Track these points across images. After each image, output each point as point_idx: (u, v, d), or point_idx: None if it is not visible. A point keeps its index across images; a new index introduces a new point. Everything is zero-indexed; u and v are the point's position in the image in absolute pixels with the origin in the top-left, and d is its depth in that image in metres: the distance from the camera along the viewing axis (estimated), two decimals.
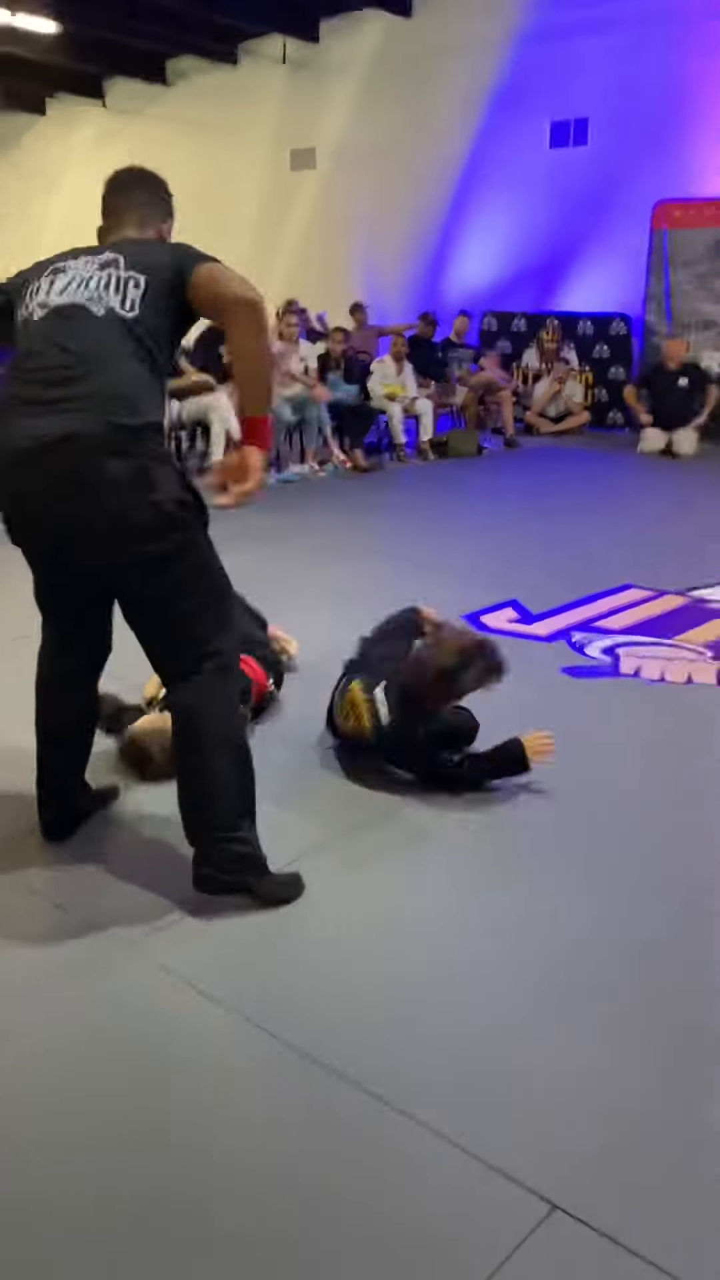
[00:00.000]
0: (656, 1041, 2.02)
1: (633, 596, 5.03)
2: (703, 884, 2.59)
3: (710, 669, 4.08)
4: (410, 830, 2.85)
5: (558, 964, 2.26)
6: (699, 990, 2.19)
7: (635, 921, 2.43)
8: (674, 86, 10.43)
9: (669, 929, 2.40)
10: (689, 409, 9.60)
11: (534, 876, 2.62)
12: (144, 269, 2.33)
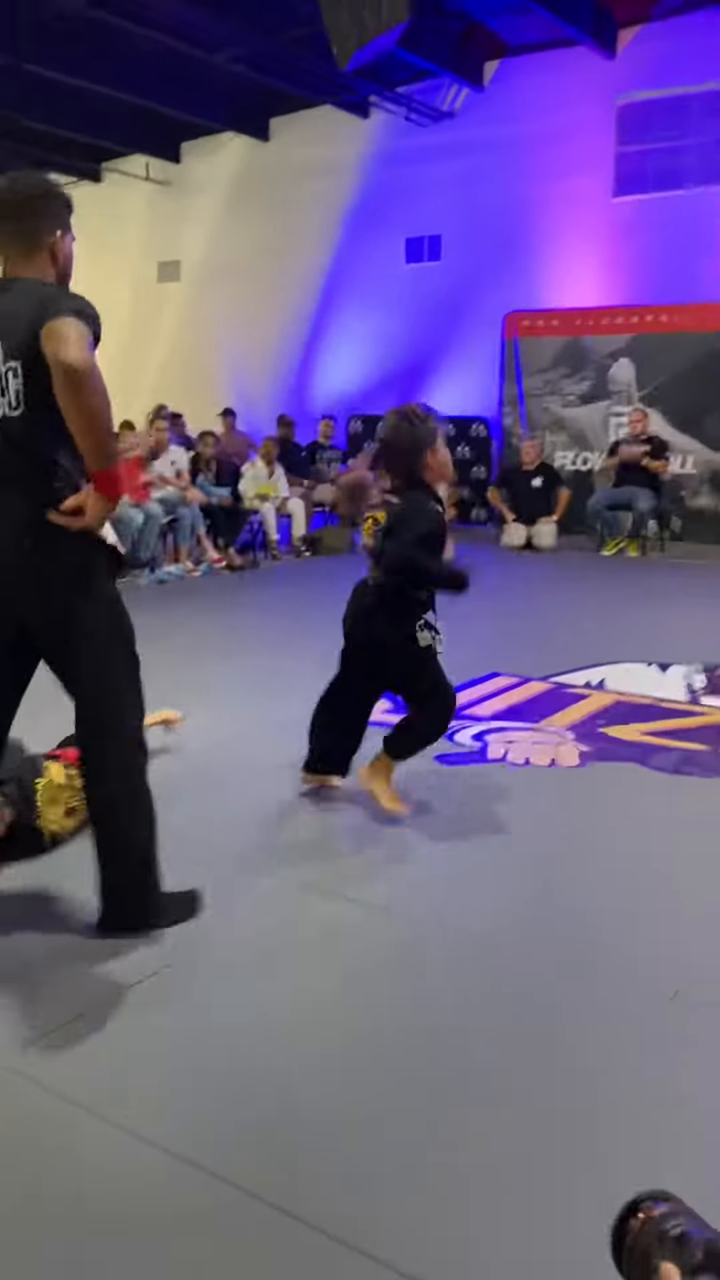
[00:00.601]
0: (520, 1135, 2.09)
1: (500, 684, 5.23)
2: (573, 962, 2.70)
3: (572, 751, 4.27)
4: (284, 920, 2.89)
5: (425, 1053, 2.32)
6: (578, 1084, 2.27)
7: (506, 1001, 2.51)
8: (518, 207, 11.24)
9: (541, 1014, 2.49)
10: (546, 505, 10.11)
11: (411, 961, 2.69)
12: (16, 349, 2.38)
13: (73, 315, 2.34)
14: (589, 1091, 2.17)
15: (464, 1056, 2.28)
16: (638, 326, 10.50)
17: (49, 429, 2.42)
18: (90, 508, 2.46)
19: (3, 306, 2.43)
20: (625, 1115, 2.09)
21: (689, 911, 2.95)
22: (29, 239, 2.52)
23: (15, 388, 2.40)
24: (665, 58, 10.26)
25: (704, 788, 3.92)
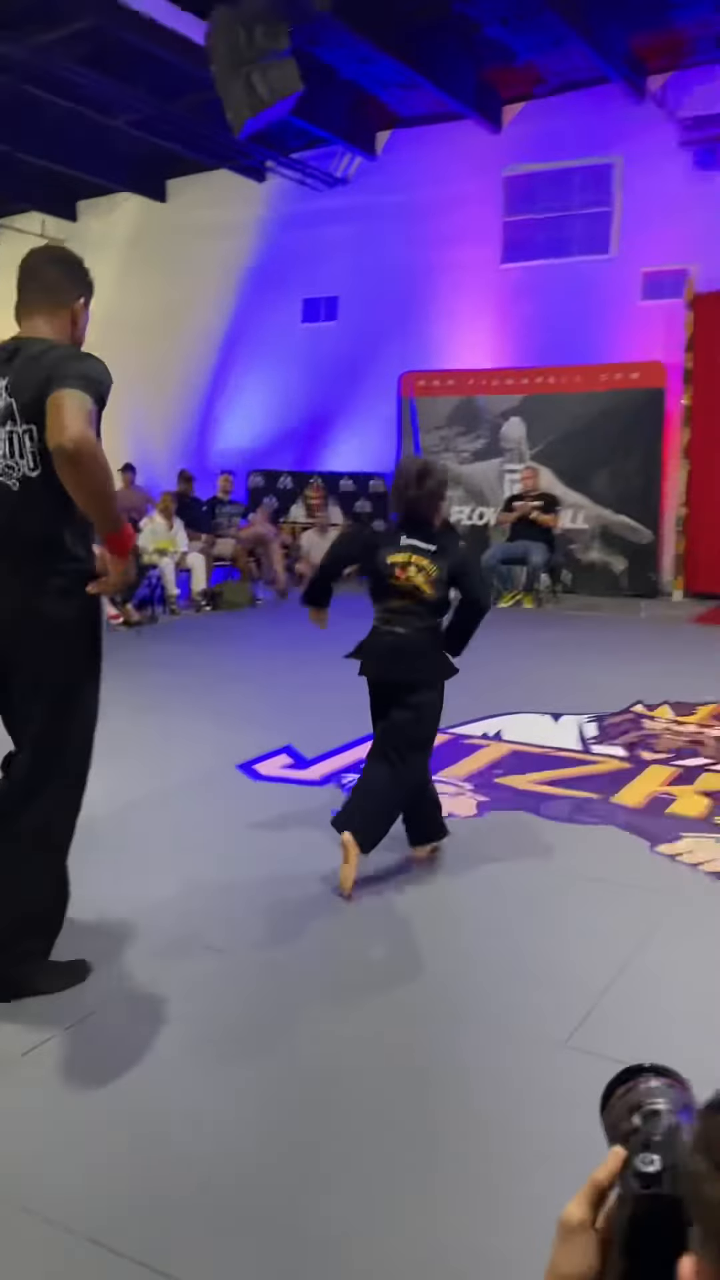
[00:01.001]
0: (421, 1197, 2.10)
1: None
2: (462, 1012, 2.73)
3: (471, 801, 4.34)
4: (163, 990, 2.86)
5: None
6: (470, 1134, 2.29)
7: (391, 1050, 2.52)
8: (411, 271, 11.59)
9: (428, 1063, 2.51)
10: None
11: (301, 1014, 2.68)
12: (32, 413, 2.47)
13: (76, 386, 2.42)
14: (481, 1141, 2.19)
15: (346, 1108, 2.29)
16: (527, 387, 10.87)
17: (64, 489, 2.48)
18: (111, 570, 2.60)
19: (18, 368, 2.53)
20: (515, 1163, 2.12)
21: (580, 959, 3.02)
22: (55, 300, 2.65)
23: (32, 450, 2.49)
24: (547, 133, 10.76)
25: (595, 835, 4.02)
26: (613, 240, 10.65)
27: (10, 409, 2.50)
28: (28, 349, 2.56)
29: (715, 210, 9.99)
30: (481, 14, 9.28)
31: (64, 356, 2.54)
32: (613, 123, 10.41)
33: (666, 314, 10.30)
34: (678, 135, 10.05)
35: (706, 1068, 2.37)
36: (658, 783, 4.63)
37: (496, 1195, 2.04)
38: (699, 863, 3.72)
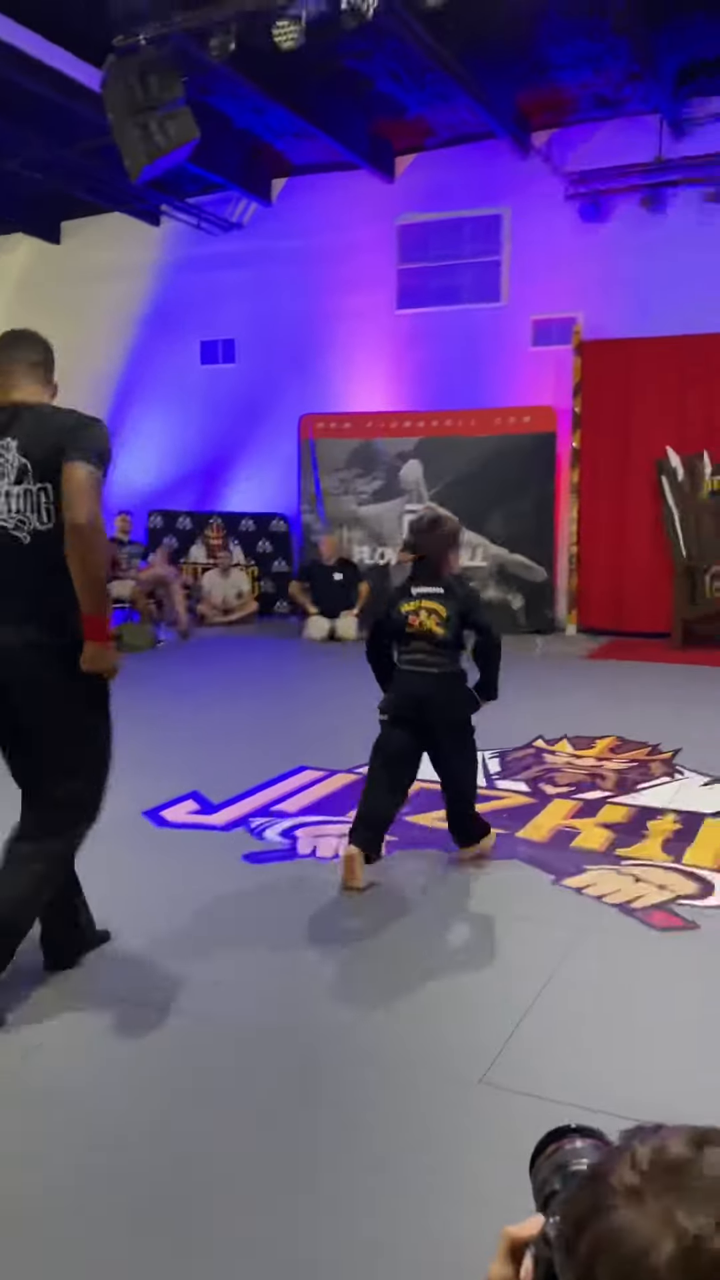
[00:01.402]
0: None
1: (307, 778, 5.30)
2: (380, 1053, 2.74)
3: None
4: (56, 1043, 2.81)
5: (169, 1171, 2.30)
6: (386, 1172, 2.30)
7: (304, 1095, 2.52)
8: (308, 316, 11.75)
9: (339, 1106, 2.51)
10: (347, 598, 10.40)
11: (207, 1061, 2.66)
12: (47, 472, 2.73)
13: (89, 460, 2.73)
14: (396, 1181, 2.20)
15: (259, 1149, 2.27)
16: (424, 430, 11.09)
17: None
18: (85, 650, 2.83)
19: (28, 429, 2.79)
20: (430, 1203, 2.14)
21: (491, 996, 3.06)
22: (47, 373, 2.97)
23: (46, 505, 2.75)
24: (438, 184, 11.08)
25: (502, 870, 4.09)
26: (503, 289, 10.99)
27: (25, 468, 2.75)
28: (36, 411, 2.84)
29: (600, 261, 10.40)
30: (372, 69, 9.54)
31: (74, 425, 2.81)
32: (501, 175, 10.78)
33: (556, 360, 10.64)
34: (563, 189, 10.46)
35: (618, 1100, 2.45)
36: (561, 816, 4.74)
37: (410, 1234, 2.05)
38: (602, 895, 3.81)
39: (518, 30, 8.73)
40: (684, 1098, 2.49)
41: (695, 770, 5.49)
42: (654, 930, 3.51)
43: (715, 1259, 0.61)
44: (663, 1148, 0.68)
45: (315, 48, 7.85)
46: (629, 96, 9.86)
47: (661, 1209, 0.63)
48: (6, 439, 2.78)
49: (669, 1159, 0.67)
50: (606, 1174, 0.68)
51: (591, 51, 9.11)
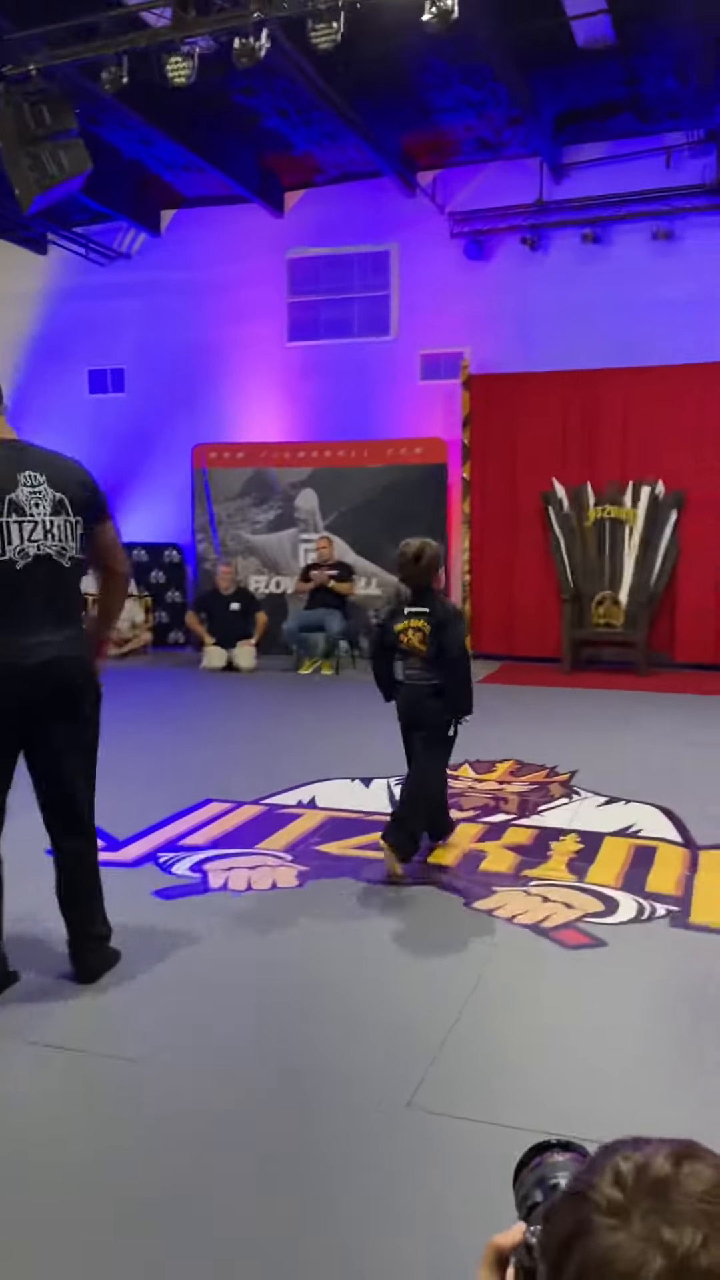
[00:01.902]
0: None
1: (213, 810, 5.27)
2: (299, 1084, 2.75)
3: (291, 871, 4.37)
4: None
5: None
6: (321, 1204, 2.30)
7: (234, 1128, 2.51)
8: (199, 347, 11.75)
9: (269, 1140, 2.51)
10: (243, 628, 10.37)
11: (125, 1098, 2.62)
12: (78, 509, 3.21)
13: (112, 517, 3.42)
14: (331, 1211, 2.21)
15: (186, 1182, 2.25)
16: (317, 460, 11.19)
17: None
18: (96, 668, 3.43)
19: (50, 469, 3.19)
20: (368, 1229, 2.15)
21: (411, 1020, 3.10)
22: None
23: (77, 537, 3.20)
24: (327, 219, 11.26)
25: (414, 896, 4.14)
26: (392, 323, 11.20)
27: (62, 503, 3.16)
28: (33, 450, 3.22)
29: (485, 298, 10.71)
30: (261, 105, 9.67)
31: (92, 483, 3.33)
32: (388, 213, 11.02)
33: (445, 393, 10.89)
34: (448, 227, 10.75)
35: (541, 1116, 2.50)
36: (467, 840, 4.82)
37: (348, 1259, 2.06)
38: (513, 916, 3.89)
39: (403, 74, 8.99)
40: (606, 1110, 2.57)
41: (592, 790, 5.66)
42: (565, 949, 3.61)
43: (703, 1275, 0.63)
44: (645, 1165, 0.69)
45: (205, 83, 7.93)
46: (510, 140, 10.24)
47: (648, 1227, 0.65)
48: (30, 472, 3.13)
49: (652, 1176, 0.68)
50: (588, 1190, 0.69)
51: (473, 97, 9.44)
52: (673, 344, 9.96)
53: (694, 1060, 2.88)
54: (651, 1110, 2.59)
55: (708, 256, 9.99)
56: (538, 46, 8.32)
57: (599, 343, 10.19)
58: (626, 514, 10.15)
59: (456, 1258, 2.04)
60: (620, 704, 8.26)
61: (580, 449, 10.35)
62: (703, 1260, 0.63)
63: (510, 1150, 2.27)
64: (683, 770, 6.11)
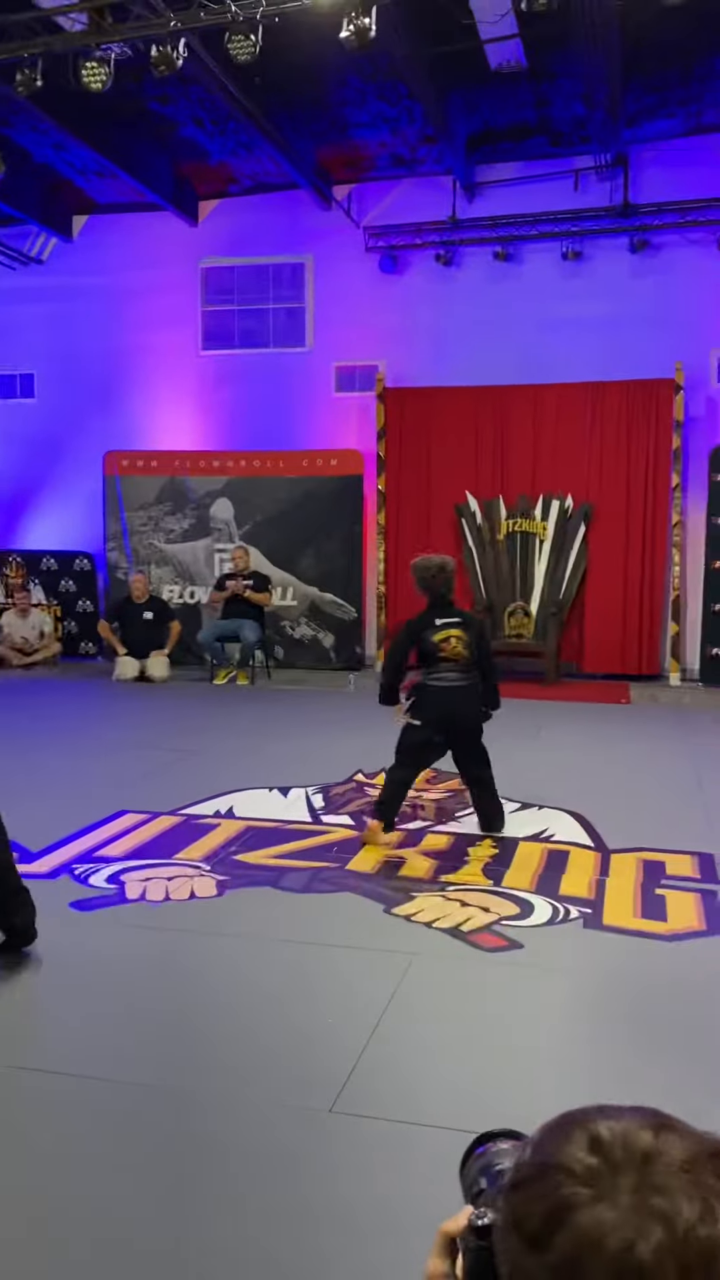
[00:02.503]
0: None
1: (129, 822, 5.21)
2: (216, 1090, 2.74)
3: (210, 882, 4.35)
4: None
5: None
6: (242, 1208, 2.31)
7: (150, 1138, 2.50)
8: (112, 353, 11.63)
9: (187, 1146, 2.51)
10: (157, 638, 10.27)
11: (31, 1114, 2.59)
12: None
13: None
14: (255, 1211, 2.22)
15: (113, 1192, 2.24)
16: (233, 470, 11.17)
17: None
18: None
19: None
20: (295, 1233, 2.16)
21: (332, 1027, 3.12)
22: None
23: None
24: (242, 229, 11.26)
25: (334, 903, 4.16)
26: (308, 334, 11.25)
27: None
28: None
29: (399, 312, 10.84)
30: (177, 113, 9.64)
31: None
32: (303, 225, 11.08)
33: (360, 406, 10.97)
34: (363, 241, 10.85)
35: (463, 1116, 2.55)
36: (387, 847, 4.86)
37: (276, 1264, 2.07)
38: (432, 920, 3.94)
39: (320, 88, 9.07)
40: (526, 1109, 2.62)
41: (506, 797, 5.74)
42: (482, 951, 3.67)
43: (703, 1247, 0.61)
44: (626, 1133, 0.67)
45: (120, 89, 7.89)
46: (424, 158, 10.40)
47: (639, 1199, 0.62)
48: None
49: (636, 1146, 0.66)
50: (559, 1158, 0.67)
51: (389, 113, 9.56)
52: (580, 362, 10.23)
53: (610, 1057, 2.96)
54: (571, 1106, 2.65)
55: (614, 278, 10.29)
56: (452, 68, 8.48)
57: (510, 359, 10.39)
58: (537, 527, 10.36)
59: (388, 1255, 2.06)
60: (531, 713, 8.41)
61: (492, 463, 10.54)
62: (701, 1232, 0.60)
63: (435, 1149, 2.31)
64: (592, 777, 6.26)
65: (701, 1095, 2.59)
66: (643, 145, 9.99)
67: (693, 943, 3.79)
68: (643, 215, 10.04)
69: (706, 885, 4.37)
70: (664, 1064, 2.89)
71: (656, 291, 10.16)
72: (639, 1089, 2.73)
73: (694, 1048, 3.00)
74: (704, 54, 8.48)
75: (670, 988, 3.41)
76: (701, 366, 10.11)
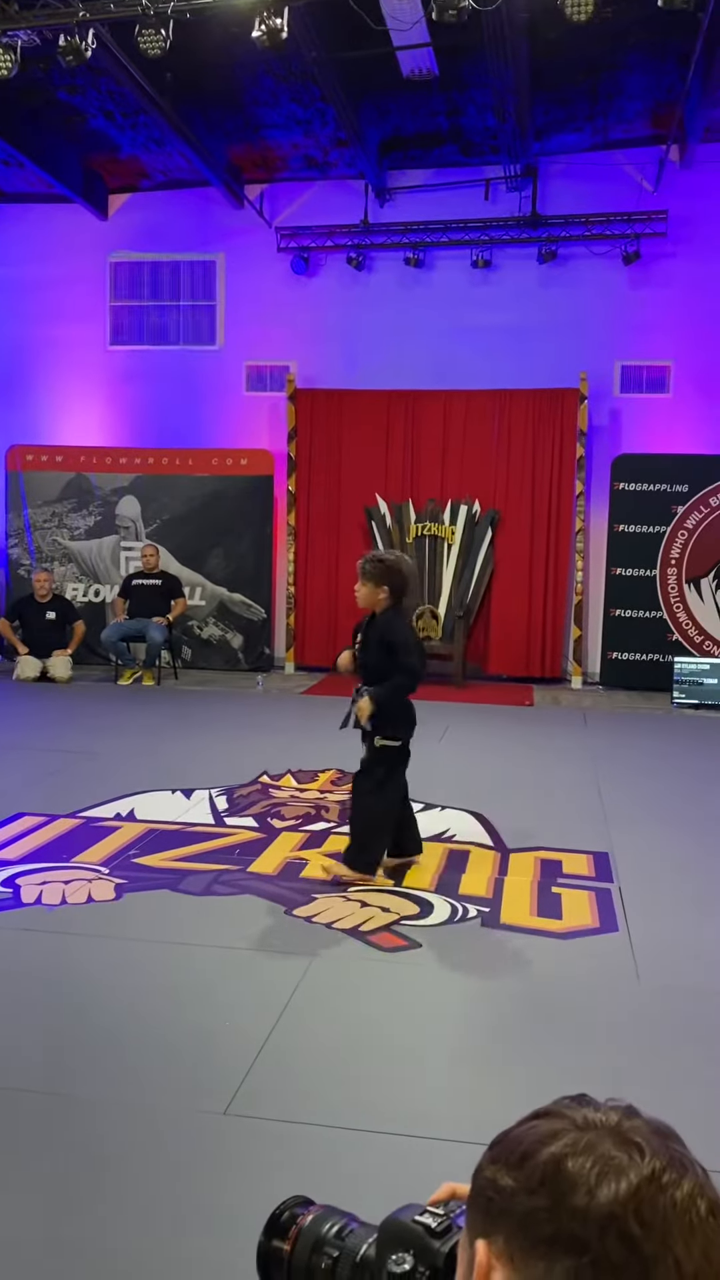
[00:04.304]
0: None
1: (26, 824, 5.10)
2: (116, 1097, 2.71)
3: (108, 885, 4.29)
4: None
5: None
6: (143, 1211, 2.29)
7: (53, 1150, 2.46)
8: (16, 346, 11.37)
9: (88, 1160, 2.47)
10: (60, 637, 10.08)
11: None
12: None
13: None
14: (146, 1212, 2.20)
15: (22, 1198, 2.20)
16: (140, 467, 11.02)
17: None
18: None
19: None
20: (190, 1230, 2.15)
21: (228, 1029, 3.10)
22: None
23: None
24: (153, 225, 11.13)
25: (235, 905, 4.14)
26: (218, 333, 11.17)
27: None
28: None
29: (311, 313, 10.84)
30: (86, 104, 9.48)
31: None
32: (215, 223, 11.00)
33: (270, 405, 10.94)
34: (275, 242, 10.83)
35: (362, 1116, 2.57)
36: (289, 849, 4.86)
37: (170, 1264, 2.06)
38: (332, 921, 3.96)
39: (233, 87, 9.02)
40: (423, 1106, 2.65)
41: (411, 798, 5.80)
42: (381, 951, 3.70)
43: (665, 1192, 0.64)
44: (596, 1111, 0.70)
45: (27, 77, 7.72)
46: (336, 161, 10.42)
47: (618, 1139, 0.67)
48: None
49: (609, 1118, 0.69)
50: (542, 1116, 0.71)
51: (301, 115, 9.56)
52: (489, 369, 10.37)
53: (505, 1054, 3.01)
54: (467, 1104, 2.69)
55: (522, 286, 10.46)
56: (365, 72, 8.52)
57: (420, 363, 10.48)
58: (445, 531, 10.47)
59: None
60: (437, 714, 8.46)
61: (402, 466, 10.62)
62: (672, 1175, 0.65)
63: (329, 1149, 2.33)
64: (495, 778, 6.36)
65: (600, 1086, 2.64)
66: (551, 158, 10.18)
67: (586, 940, 3.87)
68: (551, 226, 10.23)
69: (601, 884, 4.47)
70: (559, 1058, 2.95)
71: (563, 301, 10.36)
72: (536, 1084, 2.79)
73: (588, 1041, 3.07)
74: (610, 72, 8.69)
75: (564, 983, 3.49)
76: (605, 376, 10.35)
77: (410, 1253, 0.80)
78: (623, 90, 9.01)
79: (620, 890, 4.38)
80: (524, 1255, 0.67)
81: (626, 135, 9.86)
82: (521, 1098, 2.67)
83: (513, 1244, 0.68)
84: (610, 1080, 2.71)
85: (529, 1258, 0.67)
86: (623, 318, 10.31)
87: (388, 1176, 2.32)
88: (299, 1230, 0.87)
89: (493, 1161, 0.72)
